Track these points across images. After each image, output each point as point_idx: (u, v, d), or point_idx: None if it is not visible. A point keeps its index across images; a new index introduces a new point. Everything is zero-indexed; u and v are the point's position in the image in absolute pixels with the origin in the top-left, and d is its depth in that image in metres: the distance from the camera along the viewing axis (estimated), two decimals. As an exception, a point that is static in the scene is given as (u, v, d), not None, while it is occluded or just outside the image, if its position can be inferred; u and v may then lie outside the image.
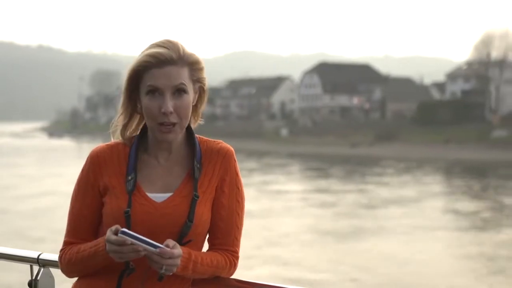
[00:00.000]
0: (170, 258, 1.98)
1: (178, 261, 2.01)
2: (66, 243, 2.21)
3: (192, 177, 2.15)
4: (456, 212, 26.93)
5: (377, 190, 35.10)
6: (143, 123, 2.20)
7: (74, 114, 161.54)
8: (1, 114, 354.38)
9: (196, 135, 2.21)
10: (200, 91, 2.18)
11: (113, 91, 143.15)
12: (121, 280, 2.11)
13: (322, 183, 39.67)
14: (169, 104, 2.06)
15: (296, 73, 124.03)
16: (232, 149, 2.22)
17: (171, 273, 2.03)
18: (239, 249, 2.21)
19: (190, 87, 2.11)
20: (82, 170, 2.20)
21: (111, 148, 2.19)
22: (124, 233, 1.95)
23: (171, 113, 2.06)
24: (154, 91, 2.06)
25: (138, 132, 2.21)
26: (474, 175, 46.34)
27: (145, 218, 2.08)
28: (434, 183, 39.47)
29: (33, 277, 2.66)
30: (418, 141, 68.71)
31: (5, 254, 2.80)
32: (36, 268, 2.67)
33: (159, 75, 2.06)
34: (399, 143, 69.55)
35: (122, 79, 2.16)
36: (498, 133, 67.23)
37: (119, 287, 2.11)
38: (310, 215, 25.49)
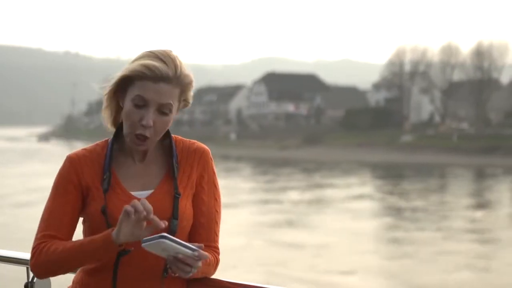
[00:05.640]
0: (200, 260, 1.93)
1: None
2: (45, 236, 2.06)
3: (170, 176, 2.13)
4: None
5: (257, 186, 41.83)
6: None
7: (68, 119, 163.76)
8: (25, 118, 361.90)
9: (172, 135, 2.19)
10: (182, 106, 2.15)
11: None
12: (117, 272, 2.06)
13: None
14: (151, 118, 2.03)
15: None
16: (208, 148, 2.20)
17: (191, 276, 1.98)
18: (219, 245, 2.19)
19: (175, 107, 2.08)
20: (61, 173, 2.13)
21: (90, 152, 2.14)
22: (164, 237, 1.87)
23: (150, 127, 2.04)
24: (140, 102, 2.03)
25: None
26: (370, 174, 51.87)
27: None
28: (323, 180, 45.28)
29: (30, 280, 2.62)
30: (338, 144, 75.30)
31: (0, 256, 2.76)
32: None
33: (150, 89, 2.01)
34: (322, 146, 76.06)
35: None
36: (406, 138, 74.72)
37: (115, 280, 2.06)
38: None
